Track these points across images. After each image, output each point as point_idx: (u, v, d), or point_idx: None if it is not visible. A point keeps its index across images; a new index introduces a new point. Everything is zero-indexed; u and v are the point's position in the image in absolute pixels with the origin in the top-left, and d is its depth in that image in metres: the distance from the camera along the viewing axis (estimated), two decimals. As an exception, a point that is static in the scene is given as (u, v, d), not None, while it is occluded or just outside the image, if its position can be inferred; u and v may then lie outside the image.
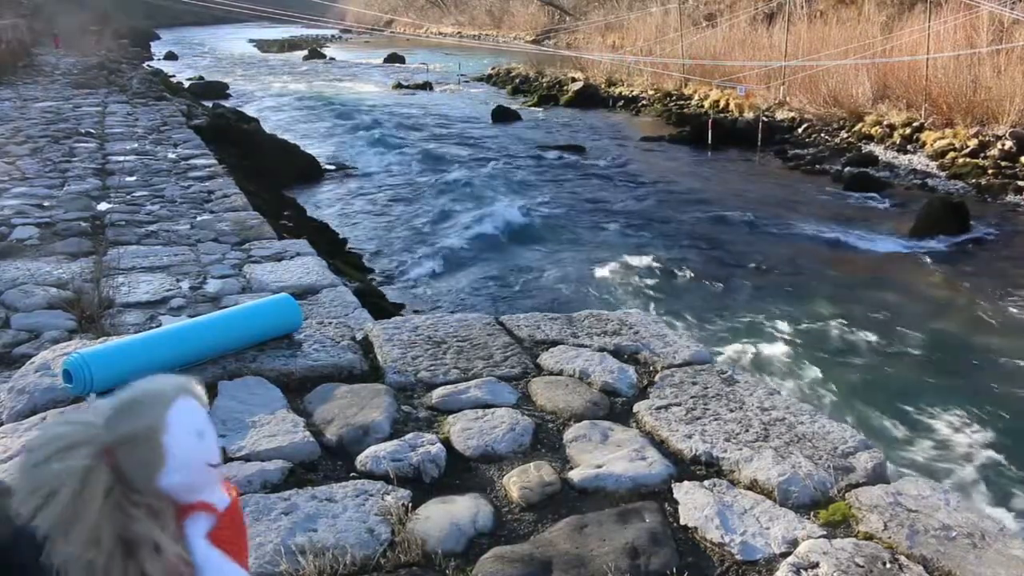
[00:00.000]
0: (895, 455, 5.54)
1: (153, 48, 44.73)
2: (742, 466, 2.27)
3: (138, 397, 0.93)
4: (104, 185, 7.45)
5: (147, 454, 0.90)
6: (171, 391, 0.94)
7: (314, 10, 38.57)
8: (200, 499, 0.96)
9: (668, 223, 11.94)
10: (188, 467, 0.92)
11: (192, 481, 0.94)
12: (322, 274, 4.91)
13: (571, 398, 2.67)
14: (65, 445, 0.88)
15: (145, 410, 0.91)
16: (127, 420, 0.91)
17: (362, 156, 16.78)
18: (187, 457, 0.92)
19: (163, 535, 0.89)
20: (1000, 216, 11.89)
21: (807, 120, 17.69)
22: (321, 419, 2.52)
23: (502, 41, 39.59)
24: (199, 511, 0.95)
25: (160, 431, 0.90)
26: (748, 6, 25.42)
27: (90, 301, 4.18)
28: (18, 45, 22.01)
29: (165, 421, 0.91)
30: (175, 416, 0.92)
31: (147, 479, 0.90)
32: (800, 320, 8.18)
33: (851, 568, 1.82)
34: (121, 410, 0.92)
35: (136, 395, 0.93)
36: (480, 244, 10.80)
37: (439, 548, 1.91)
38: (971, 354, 7.37)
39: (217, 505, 0.97)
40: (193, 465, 0.93)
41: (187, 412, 0.94)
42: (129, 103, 14.05)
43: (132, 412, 0.91)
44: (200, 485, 0.95)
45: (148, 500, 0.91)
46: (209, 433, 0.95)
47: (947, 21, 16.45)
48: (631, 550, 1.91)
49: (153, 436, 0.90)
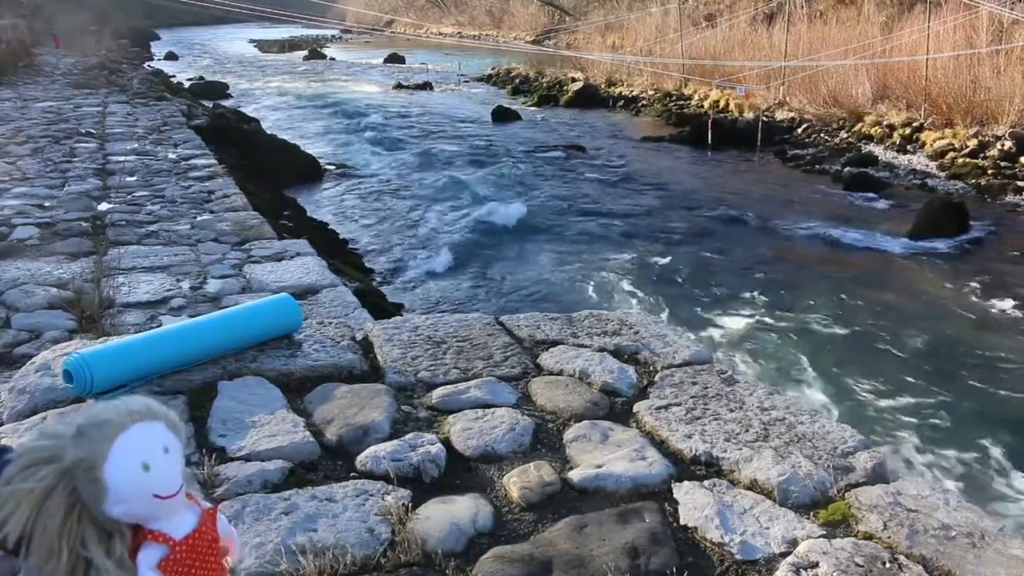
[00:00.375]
0: (895, 455, 5.54)
1: (153, 48, 44.73)
2: (742, 466, 2.27)
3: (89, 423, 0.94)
4: (104, 185, 7.45)
5: (88, 485, 0.92)
6: (122, 419, 0.94)
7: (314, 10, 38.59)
8: (154, 528, 0.96)
9: (668, 223, 11.94)
10: (130, 499, 0.93)
11: (137, 512, 0.94)
12: (322, 274, 4.91)
13: (571, 398, 2.67)
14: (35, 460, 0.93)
15: (90, 440, 0.92)
16: (77, 447, 0.92)
17: (362, 156, 16.78)
18: (129, 490, 0.92)
19: (108, 562, 0.92)
20: (1000, 216, 11.89)
21: (807, 120, 17.69)
22: (321, 419, 2.52)
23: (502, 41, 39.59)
24: (151, 541, 0.96)
25: (99, 464, 0.91)
26: (748, 6, 25.42)
27: (90, 301, 4.18)
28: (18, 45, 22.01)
29: (108, 453, 0.92)
30: (119, 447, 0.92)
31: (95, 507, 0.93)
32: (800, 320, 8.18)
33: (851, 568, 1.83)
34: (77, 435, 0.93)
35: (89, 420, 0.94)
36: (480, 244, 10.80)
37: (439, 548, 1.91)
38: (970, 354, 7.37)
39: (172, 534, 0.97)
40: (136, 497, 0.93)
41: (135, 442, 0.93)
42: (129, 103, 14.06)
43: (82, 440, 0.93)
44: (149, 515, 0.95)
45: (103, 523, 0.93)
46: (159, 463, 0.94)
47: (947, 21, 16.46)
48: (631, 550, 1.91)
49: (92, 469, 0.91)
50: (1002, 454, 5.65)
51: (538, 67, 30.03)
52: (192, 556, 0.99)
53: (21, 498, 0.90)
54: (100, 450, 0.92)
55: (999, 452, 5.68)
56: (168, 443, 0.96)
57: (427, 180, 14.39)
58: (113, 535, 0.94)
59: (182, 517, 0.99)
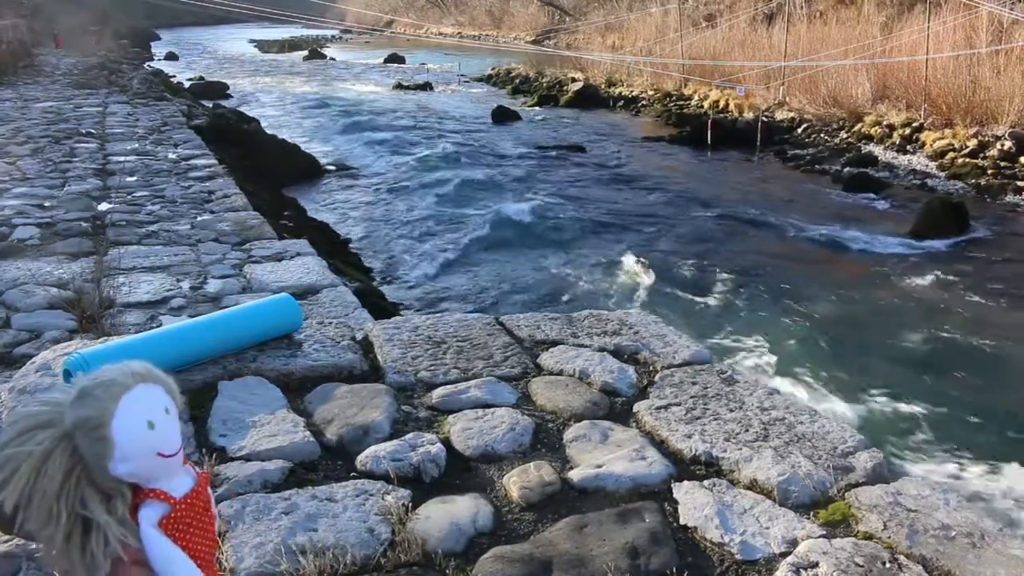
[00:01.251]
0: (895, 455, 5.55)
1: (153, 48, 44.73)
2: (742, 466, 2.27)
3: (95, 384, 0.94)
4: (105, 185, 7.45)
5: (94, 443, 0.92)
6: (128, 379, 0.95)
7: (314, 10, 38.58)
8: (155, 487, 0.97)
9: (668, 223, 11.94)
10: (136, 457, 0.94)
11: (141, 470, 0.95)
12: (322, 274, 4.91)
13: (571, 398, 2.67)
14: (32, 425, 0.92)
15: (96, 399, 0.93)
16: (81, 407, 0.93)
17: (362, 156, 16.78)
18: (135, 447, 0.93)
19: (110, 519, 0.93)
20: (999, 216, 11.89)
21: (806, 120, 17.69)
22: (321, 419, 2.52)
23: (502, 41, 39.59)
24: (152, 499, 0.97)
25: (106, 421, 0.92)
26: (748, 6, 25.43)
27: (91, 301, 4.18)
28: (19, 45, 22.01)
29: (113, 411, 0.92)
30: (125, 406, 0.93)
31: (99, 466, 0.93)
32: (799, 320, 8.18)
33: (851, 568, 1.83)
34: (79, 396, 0.94)
35: (94, 382, 0.95)
36: (480, 244, 10.80)
37: (439, 548, 1.92)
38: (970, 354, 7.37)
39: (173, 493, 0.98)
40: (141, 455, 0.94)
41: (140, 401, 0.94)
42: (130, 103, 14.06)
43: (86, 399, 0.93)
44: (152, 474, 0.96)
45: (104, 484, 0.93)
46: (163, 423, 0.96)
47: (946, 21, 16.46)
48: (631, 550, 1.91)
49: (99, 426, 0.92)
50: (1002, 454, 5.65)
51: (538, 67, 30.03)
52: (190, 515, 1.00)
53: (20, 462, 0.90)
54: (107, 408, 0.93)
55: (999, 452, 5.67)
56: (168, 405, 0.98)
57: (427, 180, 14.39)
58: (113, 496, 0.94)
59: (181, 478, 1.00)
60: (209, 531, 1.03)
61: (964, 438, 5.90)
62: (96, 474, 0.93)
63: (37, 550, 1.84)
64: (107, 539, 0.92)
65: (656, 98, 22.90)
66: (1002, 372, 6.98)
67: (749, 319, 8.22)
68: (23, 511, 0.90)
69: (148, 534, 0.96)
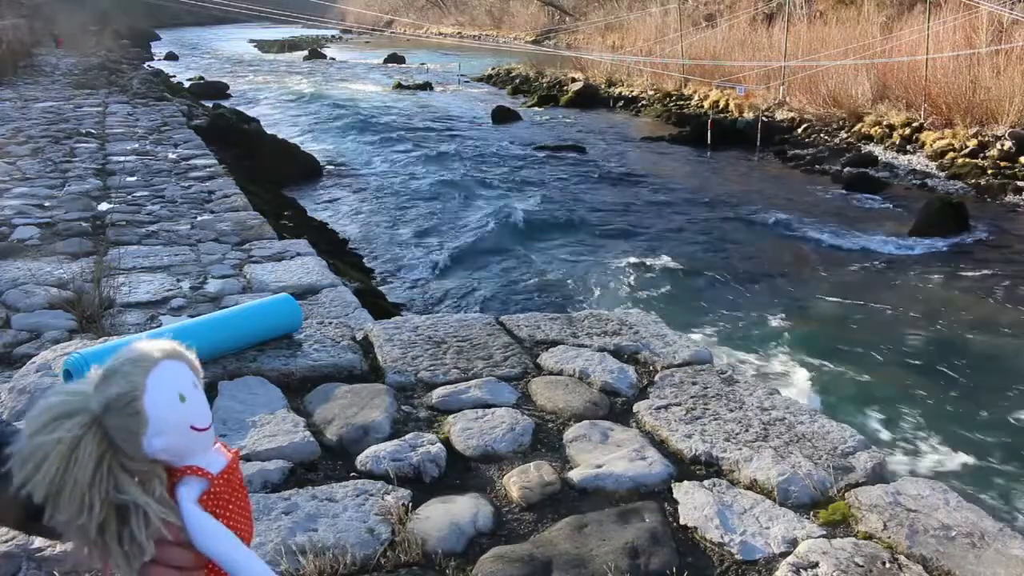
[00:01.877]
0: (894, 455, 5.55)
1: (153, 48, 44.72)
2: (742, 466, 2.27)
3: (121, 362, 0.93)
4: (105, 185, 7.45)
5: (127, 419, 0.90)
6: (154, 354, 0.93)
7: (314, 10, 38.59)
8: (190, 463, 0.96)
9: (668, 223, 11.95)
10: (170, 431, 0.92)
11: (176, 445, 0.93)
12: (322, 274, 4.91)
13: (571, 398, 2.67)
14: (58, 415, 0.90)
15: (125, 375, 0.91)
16: (109, 386, 0.91)
17: (362, 156, 16.78)
18: (168, 421, 0.91)
19: (149, 500, 0.91)
20: (1000, 216, 11.90)
21: (807, 120, 17.70)
22: (321, 419, 2.52)
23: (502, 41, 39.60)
24: (190, 475, 0.95)
25: (139, 395, 0.90)
26: (748, 6, 25.43)
27: (91, 301, 4.18)
28: (19, 45, 22.01)
29: (144, 384, 0.91)
30: (155, 379, 0.91)
31: (132, 444, 0.91)
32: (799, 320, 8.18)
33: (851, 568, 1.83)
34: (105, 376, 0.92)
35: (119, 360, 0.93)
36: (480, 244, 10.80)
37: (439, 548, 1.92)
38: (970, 354, 7.37)
39: (209, 469, 0.97)
40: (175, 428, 0.92)
41: (169, 375, 0.93)
42: (130, 103, 14.06)
43: (114, 376, 0.91)
44: (187, 449, 0.95)
45: (138, 466, 0.91)
46: (194, 396, 0.94)
47: (946, 21, 16.46)
48: (631, 550, 1.91)
49: (132, 401, 0.90)
50: (1002, 454, 5.65)
51: (538, 67, 30.03)
52: (228, 490, 0.98)
53: (48, 450, 0.87)
54: (138, 382, 0.91)
55: (999, 452, 5.68)
56: (195, 380, 0.96)
57: (427, 180, 14.39)
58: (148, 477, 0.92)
59: (214, 455, 0.99)
60: (246, 509, 1.01)
61: (964, 438, 5.90)
62: (129, 456, 0.91)
63: (38, 549, 1.85)
64: (148, 520, 0.90)
65: (656, 98, 22.91)
66: (1002, 372, 6.98)
67: (749, 319, 8.22)
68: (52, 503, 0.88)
69: (189, 510, 0.94)
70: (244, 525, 0.99)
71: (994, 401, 6.44)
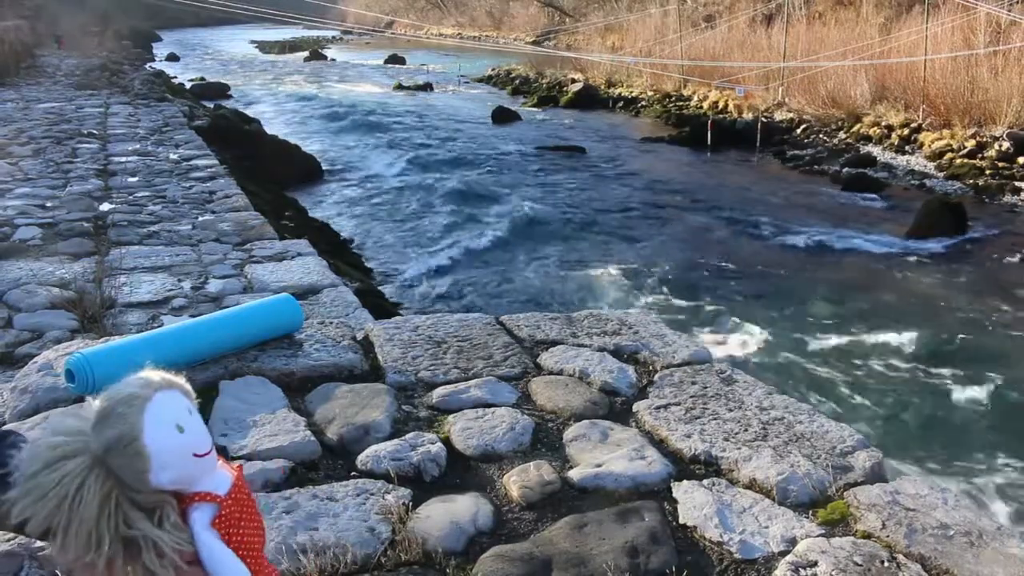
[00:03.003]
0: (893, 454, 5.55)
1: (155, 49, 44.71)
2: (741, 465, 2.28)
3: (113, 403, 0.94)
4: (106, 186, 7.46)
5: (131, 459, 0.92)
6: (144, 391, 0.95)
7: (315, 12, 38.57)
8: (198, 490, 0.98)
9: (667, 224, 11.96)
10: (174, 463, 0.94)
11: (182, 475, 0.96)
12: (323, 274, 4.92)
13: (571, 398, 2.68)
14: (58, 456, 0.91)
15: (121, 416, 0.93)
16: (107, 428, 0.92)
17: (363, 156, 16.79)
18: (171, 453, 0.94)
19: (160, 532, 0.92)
20: (997, 217, 11.91)
21: (806, 121, 17.70)
22: (322, 418, 2.53)
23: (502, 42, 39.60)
24: (199, 502, 0.98)
25: (138, 435, 0.92)
26: (747, 7, 25.45)
27: (92, 301, 4.19)
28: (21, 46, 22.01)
29: (141, 423, 0.92)
30: (151, 416, 0.93)
31: (140, 481, 0.93)
32: (798, 320, 8.19)
33: (849, 567, 1.84)
34: (101, 418, 0.93)
35: (111, 401, 0.94)
36: (480, 244, 10.81)
37: (439, 547, 1.92)
38: (968, 353, 7.38)
39: (218, 491, 0.99)
40: (179, 460, 0.95)
41: (164, 409, 0.95)
42: (131, 104, 14.07)
43: (110, 419, 0.93)
44: (192, 476, 0.97)
45: (147, 498, 0.93)
46: (191, 424, 0.96)
47: (944, 22, 16.47)
48: (631, 549, 1.92)
49: (132, 442, 0.92)
50: (1000, 453, 5.66)
51: (538, 68, 30.04)
52: (239, 509, 1.01)
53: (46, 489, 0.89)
54: (135, 422, 0.93)
55: (997, 452, 5.68)
56: (189, 407, 0.98)
57: (427, 181, 14.40)
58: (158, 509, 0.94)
59: (220, 475, 1.01)
60: (257, 521, 1.04)
61: (962, 437, 5.91)
62: (136, 490, 0.93)
63: (40, 548, 1.85)
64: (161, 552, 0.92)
65: (656, 99, 22.92)
66: (1000, 372, 6.98)
67: (748, 319, 8.23)
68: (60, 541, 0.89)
69: (201, 538, 0.97)
70: (257, 537, 1.02)
71: (992, 401, 6.45)
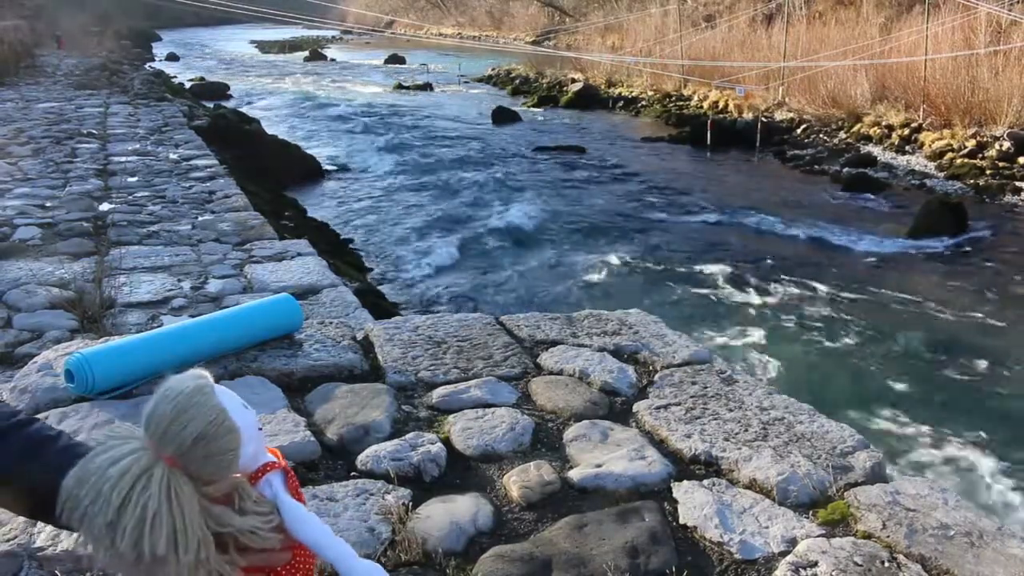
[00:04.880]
0: (894, 455, 5.55)
1: (155, 49, 44.74)
2: (741, 465, 2.27)
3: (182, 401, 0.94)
4: (106, 186, 7.46)
5: (223, 440, 0.94)
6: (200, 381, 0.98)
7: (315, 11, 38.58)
8: (265, 461, 1.01)
9: (668, 224, 11.96)
10: (253, 436, 0.98)
11: (257, 447, 1.00)
12: (323, 274, 4.92)
13: (571, 398, 2.68)
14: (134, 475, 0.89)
15: (200, 405, 0.94)
16: (190, 422, 0.93)
17: (363, 156, 16.80)
18: (250, 427, 0.98)
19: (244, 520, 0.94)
20: (998, 217, 11.91)
21: (806, 121, 17.71)
22: (322, 419, 2.53)
23: (502, 42, 39.61)
24: (270, 471, 1.01)
25: (224, 416, 0.95)
26: (747, 7, 25.45)
27: (92, 301, 4.19)
28: (20, 46, 22.01)
29: (222, 406, 0.95)
30: (223, 397, 0.97)
31: (227, 465, 0.95)
32: (798, 320, 8.19)
33: (849, 567, 1.83)
34: (176, 417, 0.93)
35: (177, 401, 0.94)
36: (480, 244, 10.82)
37: (439, 547, 1.92)
38: (969, 354, 7.38)
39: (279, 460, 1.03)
40: (255, 433, 0.99)
41: (223, 392, 0.98)
42: (131, 104, 14.07)
43: (189, 412, 0.93)
44: (260, 448, 1.01)
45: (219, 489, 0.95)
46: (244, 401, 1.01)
47: (945, 22, 16.48)
48: (631, 549, 1.91)
49: (224, 421, 0.94)
50: (1001, 454, 5.66)
51: (538, 68, 30.06)
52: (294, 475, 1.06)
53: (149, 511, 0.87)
54: (216, 403, 0.95)
55: (998, 452, 5.68)
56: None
57: (427, 180, 14.41)
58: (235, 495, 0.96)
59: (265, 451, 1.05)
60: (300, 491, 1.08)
61: (963, 437, 5.91)
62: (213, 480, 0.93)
63: (40, 548, 1.85)
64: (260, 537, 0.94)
65: (656, 99, 22.93)
66: (1000, 371, 6.99)
67: (748, 319, 8.23)
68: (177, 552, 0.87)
69: (285, 501, 1.00)
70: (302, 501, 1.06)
71: (992, 401, 6.45)
